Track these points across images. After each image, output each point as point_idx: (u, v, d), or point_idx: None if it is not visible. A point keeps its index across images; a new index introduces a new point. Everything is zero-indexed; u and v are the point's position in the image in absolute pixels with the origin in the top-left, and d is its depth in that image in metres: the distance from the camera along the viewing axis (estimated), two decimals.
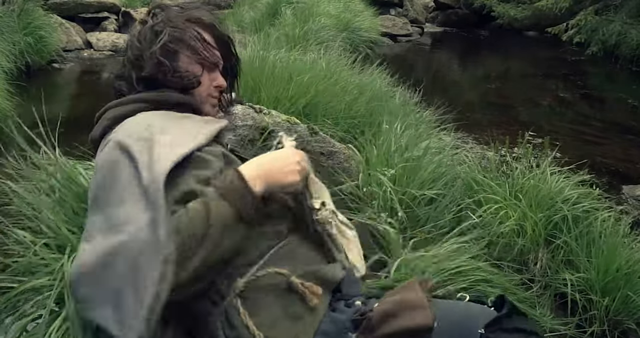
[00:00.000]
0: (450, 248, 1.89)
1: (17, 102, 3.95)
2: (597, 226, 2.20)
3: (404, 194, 2.20)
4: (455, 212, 2.16)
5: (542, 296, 2.00)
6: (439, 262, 1.78)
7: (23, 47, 5.28)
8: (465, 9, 11.66)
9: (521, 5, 10.53)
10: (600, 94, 6.68)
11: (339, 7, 7.26)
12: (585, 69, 7.96)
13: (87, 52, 6.97)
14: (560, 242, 2.15)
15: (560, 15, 8.95)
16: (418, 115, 3.19)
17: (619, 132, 4.72)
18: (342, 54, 4.24)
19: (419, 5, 11.06)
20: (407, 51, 9.21)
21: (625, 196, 3.10)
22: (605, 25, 8.02)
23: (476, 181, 2.41)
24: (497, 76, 7.48)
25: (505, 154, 2.74)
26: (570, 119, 5.41)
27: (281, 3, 6.74)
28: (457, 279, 1.75)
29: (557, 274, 2.08)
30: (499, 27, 11.04)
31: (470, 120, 3.77)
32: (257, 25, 6.08)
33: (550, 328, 1.85)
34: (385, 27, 9.18)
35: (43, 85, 5.04)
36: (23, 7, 5.68)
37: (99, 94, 4.86)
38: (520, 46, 9.98)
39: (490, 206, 2.22)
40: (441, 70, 8.21)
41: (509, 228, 2.14)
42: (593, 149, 4.14)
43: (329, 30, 5.86)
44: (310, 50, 4.41)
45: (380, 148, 2.48)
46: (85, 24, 7.57)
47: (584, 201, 2.31)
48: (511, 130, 3.79)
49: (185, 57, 1.21)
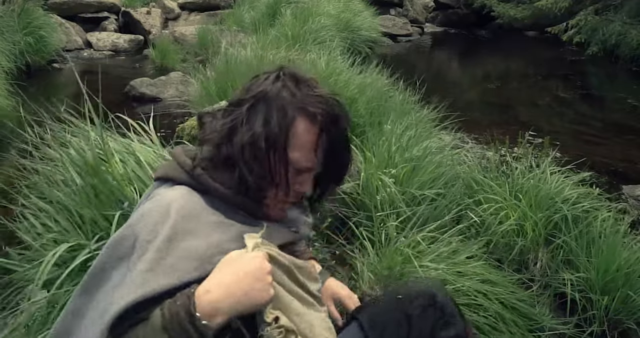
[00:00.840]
0: (450, 248, 1.89)
1: (17, 101, 3.95)
2: (597, 226, 2.20)
3: (404, 194, 2.20)
4: (456, 211, 2.17)
5: (541, 296, 2.00)
6: (439, 262, 1.79)
7: (23, 47, 5.29)
8: (465, 9, 11.66)
9: (521, 5, 10.53)
10: (600, 94, 6.69)
11: (339, 7, 7.26)
12: (585, 69, 7.96)
13: (87, 52, 6.98)
14: (560, 241, 2.15)
15: (560, 15, 8.95)
16: (418, 115, 3.19)
17: (619, 132, 4.72)
18: (342, 54, 4.24)
19: (419, 5, 11.05)
20: (407, 51, 9.21)
21: (625, 196, 3.10)
22: (605, 25, 8.02)
23: (476, 181, 2.41)
24: (497, 76, 7.48)
25: (505, 153, 2.74)
26: (570, 119, 5.41)
27: (281, 3, 6.75)
28: (457, 279, 1.76)
29: (557, 274, 2.09)
30: (499, 27, 11.04)
31: (470, 120, 3.76)
32: (257, 25, 6.08)
33: (549, 327, 1.85)
34: (385, 27, 9.18)
35: (43, 85, 5.05)
36: (23, 7, 5.69)
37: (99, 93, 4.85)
38: (520, 46, 9.98)
39: (490, 206, 2.22)
40: (441, 70, 8.21)
41: (509, 228, 2.14)
42: (593, 149, 4.14)
43: (329, 30, 5.86)
44: (310, 50, 4.41)
45: (380, 148, 2.48)
46: (85, 24, 7.58)
47: (583, 201, 2.31)
48: (511, 130, 3.79)
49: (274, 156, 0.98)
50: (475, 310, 1.70)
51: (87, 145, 1.72)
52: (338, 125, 1.00)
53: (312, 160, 0.99)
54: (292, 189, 1.02)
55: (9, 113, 3.76)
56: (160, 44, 6.37)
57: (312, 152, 0.98)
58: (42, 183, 1.51)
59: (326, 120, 0.98)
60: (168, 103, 4.80)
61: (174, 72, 5.36)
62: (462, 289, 1.73)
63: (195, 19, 8.36)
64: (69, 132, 1.93)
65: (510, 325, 1.73)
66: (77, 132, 1.71)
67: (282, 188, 1.00)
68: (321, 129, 0.98)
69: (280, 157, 0.97)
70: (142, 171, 1.73)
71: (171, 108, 4.45)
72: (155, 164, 1.82)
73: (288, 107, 0.96)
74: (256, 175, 0.97)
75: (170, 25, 8.24)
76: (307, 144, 0.97)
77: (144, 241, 0.89)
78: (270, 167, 0.97)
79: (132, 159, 1.80)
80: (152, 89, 4.95)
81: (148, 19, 7.86)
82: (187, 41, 6.98)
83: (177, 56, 6.15)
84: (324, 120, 0.98)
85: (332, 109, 0.99)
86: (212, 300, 0.82)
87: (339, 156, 1.04)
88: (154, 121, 2.20)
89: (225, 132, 0.99)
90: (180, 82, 5.09)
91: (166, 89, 5.00)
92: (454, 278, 1.75)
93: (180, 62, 5.98)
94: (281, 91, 0.98)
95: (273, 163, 0.97)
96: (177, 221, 0.92)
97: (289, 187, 1.00)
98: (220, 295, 0.82)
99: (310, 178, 1.03)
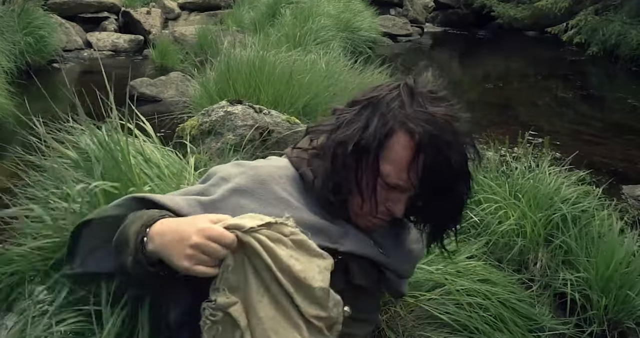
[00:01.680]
0: (449, 247, 1.89)
1: (17, 101, 3.95)
2: (597, 226, 2.20)
3: None
4: None
5: (541, 296, 2.00)
6: (439, 262, 1.79)
7: (23, 47, 5.29)
8: (465, 9, 11.67)
9: (521, 5, 10.54)
10: (600, 94, 6.69)
11: (339, 7, 7.26)
12: (585, 69, 7.96)
13: (87, 52, 6.98)
14: (560, 241, 2.15)
15: (560, 15, 8.95)
16: None
17: (619, 132, 4.72)
18: (342, 54, 4.25)
19: (419, 5, 11.05)
20: (407, 51, 9.21)
21: (625, 196, 3.10)
22: (605, 25, 8.02)
23: (476, 181, 2.41)
24: (497, 76, 7.48)
25: (505, 153, 2.75)
26: (570, 119, 5.41)
27: (281, 3, 6.75)
28: (456, 279, 1.76)
29: (557, 274, 2.09)
30: (499, 27, 11.04)
31: (470, 119, 3.76)
32: (257, 25, 6.08)
33: (549, 327, 1.85)
34: (385, 27, 9.18)
35: (43, 85, 5.04)
36: (23, 7, 5.69)
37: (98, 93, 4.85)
38: (520, 46, 9.98)
39: (490, 206, 2.22)
40: (441, 70, 8.16)
41: (509, 228, 2.14)
42: (593, 149, 4.14)
43: (329, 30, 5.86)
44: (310, 50, 4.42)
45: None
46: (85, 24, 7.58)
47: (583, 201, 2.31)
48: (511, 130, 3.79)
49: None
50: (475, 310, 1.70)
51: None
52: (439, 149, 0.90)
53: (404, 179, 0.93)
54: (381, 205, 0.97)
55: (8, 113, 3.75)
56: (160, 44, 6.37)
57: (405, 171, 0.92)
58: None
59: (424, 141, 0.90)
60: (168, 103, 4.80)
61: (174, 72, 5.36)
62: (462, 289, 1.73)
63: (195, 19, 8.36)
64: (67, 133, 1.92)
65: (510, 325, 1.72)
66: (75, 133, 1.71)
67: (367, 198, 0.96)
68: (418, 149, 0.91)
69: (369, 165, 0.94)
70: (151, 170, 1.73)
71: (171, 108, 4.46)
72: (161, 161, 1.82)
73: (391, 118, 0.93)
74: (341, 176, 0.96)
75: (170, 25, 8.24)
76: (401, 160, 0.92)
77: (220, 178, 0.99)
78: (357, 173, 0.95)
79: (141, 158, 1.80)
80: (152, 89, 4.95)
81: (148, 19, 7.86)
82: (187, 41, 6.98)
83: (177, 56, 6.14)
84: (422, 139, 0.90)
85: (437, 130, 0.90)
86: (156, 231, 0.86)
87: (438, 185, 0.93)
88: (153, 121, 2.20)
89: (329, 128, 1.00)
90: (180, 82, 5.09)
91: (166, 89, 5.00)
92: (453, 278, 1.75)
93: (180, 62, 5.98)
94: (393, 101, 0.94)
95: (361, 170, 0.95)
96: (249, 180, 0.98)
97: (376, 200, 0.96)
98: (163, 230, 0.85)
99: (402, 199, 0.96)
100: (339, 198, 0.98)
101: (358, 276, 1.00)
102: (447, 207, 0.98)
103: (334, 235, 0.98)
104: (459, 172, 0.93)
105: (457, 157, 0.92)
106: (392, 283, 1.15)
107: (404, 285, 1.23)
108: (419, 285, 1.75)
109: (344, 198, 0.99)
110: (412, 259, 1.17)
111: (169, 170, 1.60)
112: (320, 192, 0.99)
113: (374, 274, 1.06)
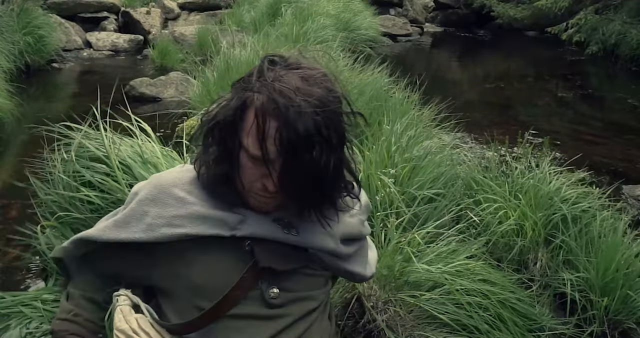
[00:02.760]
0: (449, 247, 1.89)
1: (17, 102, 3.95)
2: (597, 226, 2.20)
3: (404, 194, 2.20)
4: (455, 211, 2.16)
5: (541, 296, 2.00)
6: (438, 262, 1.79)
7: (22, 47, 5.28)
8: (465, 9, 11.65)
9: (521, 5, 10.53)
10: (600, 93, 6.69)
11: (339, 7, 7.26)
12: (585, 68, 7.96)
13: (86, 51, 6.97)
14: (560, 241, 2.15)
15: (560, 15, 8.94)
16: (418, 115, 3.19)
17: (619, 132, 4.72)
18: (342, 53, 4.24)
19: (418, 5, 11.05)
20: (407, 51, 9.21)
21: (625, 196, 3.10)
22: (605, 25, 8.01)
23: (476, 181, 2.41)
24: (497, 76, 7.48)
25: (505, 153, 2.74)
26: (570, 118, 5.41)
27: (281, 3, 6.75)
28: (456, 279, 1.75)
29: (557, 274, 2.09)
30: (499, 27, 11.04)
31: (470, 119, 3.76)
32: (257, 25, 6.08)
33: (549, 327, 1.85)
34: (385, 27, 9.18)
35: (43, 85, 5.05)
36: (22, 7, 5.69)
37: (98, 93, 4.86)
38: (520, 46, 9.97)
39: (490, 206, 2.22)
40: (441, 70, 8.21)
41: (509, 228, 2.14)
42: (593, 148, 4.14)
43: (329, 30, 5.86)
44: (310, 50, 4.40)
45: (380, 148, 2.48)
46: (85, 24, 7.58)
47: (583, 201, 2.31)
48: (511, 130, 3.79)
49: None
50: (475, 310, 1.69)
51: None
52: (285, 115, 0.87)
53: (262, 149, 0.90)
54: (257, 181, 0.95)
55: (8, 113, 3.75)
56: (160, 44, 6.37)
57: (258, 140, 0.90)
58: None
59: (268, 109, 0.88)
60: (168, 103, 4.80)
61: (173, 72, 5.36)
62: (462, 289, 1.73)
63: (195, 19, 8.36)
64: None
65: (510, 325, 1.72)
66: (73, 135, 1.71)
67: (238, 174, 0.96)
68: (263, 117, 0.89)
69: (232, 139, 0.95)
70: (148, 172, 1.73)
71: (171, 108, 4.46)
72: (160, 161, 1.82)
73: (247, 90, 0.92)
74: (215, 159, 0.98)
75: (170, 25, 8.24)
76: (254, 130, 0.91)
77: (132, 193, 1.07)
78: (224, 150, 0.96)
79: (139, 159, 1.80)
80: (151, 89, 4.95)
81: (148, 19, 7.85)
82: (187, 41, 6.98)
83: (176, 56, 6.14)
84: (266, 107, 0.89)
85: (282, 97, 0.88)
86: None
87: (293, 152, 0.90)
88: (153, 121, 2.20)
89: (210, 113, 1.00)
90: (180, 82, 5.09)
91: (166, 88, 5.00)
92: (453, 278, 1.75)
93: (180, 62, 5.98)
94: (253, 74, 0.94)
95: (227, 146, 0.95)
96: (152, 188, 1.03)
97: (245, 174, 0.95)
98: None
99: (268, 171, 0.92)
100: (221, 180, 0.99)
101: (264, 259, 0.99)
102: (307, 173, 0.93)
103: (231, 223, 0.99)
104: (310, 137, 0.89)
105: (306, 121, 0.88)
106: (331, 264, 1.09)
107: (354, 266, 1.14)
108: (418, 285, 1.75)
109: (224, 180, 0.99)
110: (335, 234, 1.06)
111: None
112: (206, 182, 1.01)
113: (293, 254, 1.03)
